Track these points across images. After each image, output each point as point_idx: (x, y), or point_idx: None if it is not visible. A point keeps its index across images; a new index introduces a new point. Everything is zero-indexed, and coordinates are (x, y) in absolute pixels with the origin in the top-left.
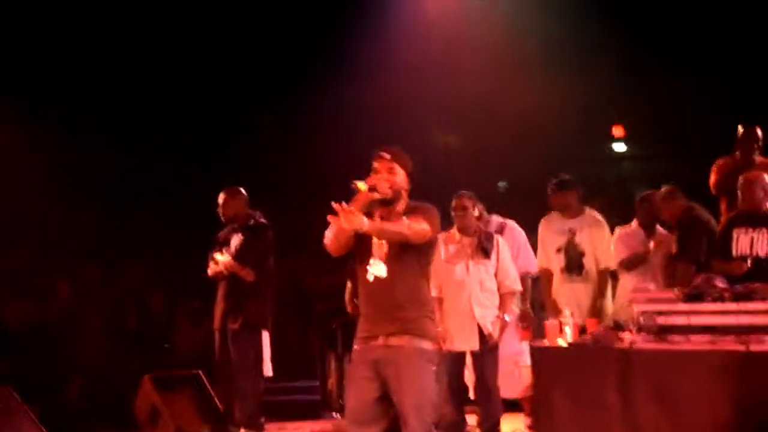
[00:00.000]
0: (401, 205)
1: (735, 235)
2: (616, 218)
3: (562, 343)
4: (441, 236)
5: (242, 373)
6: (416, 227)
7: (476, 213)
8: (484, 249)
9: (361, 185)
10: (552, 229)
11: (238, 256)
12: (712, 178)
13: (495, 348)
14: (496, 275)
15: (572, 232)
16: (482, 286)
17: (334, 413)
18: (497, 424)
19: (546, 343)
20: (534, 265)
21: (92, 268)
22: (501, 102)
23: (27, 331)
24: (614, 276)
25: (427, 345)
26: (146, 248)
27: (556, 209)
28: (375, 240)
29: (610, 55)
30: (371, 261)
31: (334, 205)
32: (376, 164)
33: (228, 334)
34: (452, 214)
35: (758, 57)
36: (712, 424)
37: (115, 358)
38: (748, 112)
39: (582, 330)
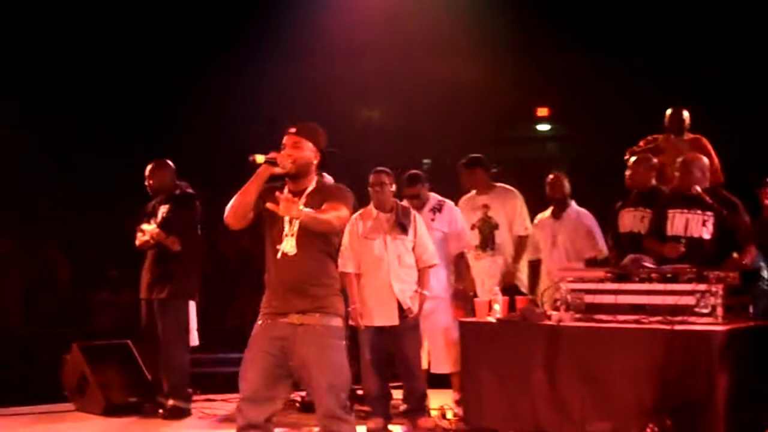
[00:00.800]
0: (309, 180)
1: (670, 216)
2: (539, 198)
3: (490, 319)
4: (358, 213)
5: (169, 344)
6: (342, 215)
7: (392, 189)
8: (401, 224)
9: (259, 158)
10: (468, 207)
11: (163, 224)
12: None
13: (416, 323)
14: (414, 250)
15: (486, 207)
16: (400, 261)
17: None
18: (422, 398)
19: (475, 319)
20: (469, 245)
21: (6, 240)
22: (427, 80)
23: None
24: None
25: (337, 322)
26: (64, 220)
27: (467, 187)
28: (285, 219)
29: (536, 33)
30: (283, 238)
31: (278, 194)
32: (284, 139)
33: (154, 303)
34: (369, 189)
35: (680, 35)
36: (636, 401)
37: (34, 329)
38: (671, 91)
39: (511, 305)
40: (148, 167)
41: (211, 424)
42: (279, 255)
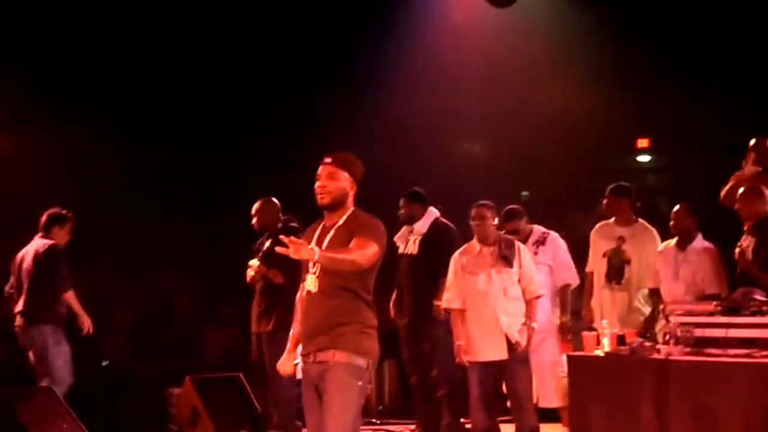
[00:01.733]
0: (344, 212)
1: None
2: None
3: (598, 353)
4: (461, 248)
5: (276, 376)
6: (368, 253)
7: (494, 222)
8: (505, 257)
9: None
10: (602, 235)
11: (265, 258)
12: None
13: (525, 357)
14: (519, 282)
15: (621, 240)
16: (506, 294)
17: (372, 419)
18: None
19: (583, 353)
20: (574, 277)
21: (119, 271)
22: (526, 112)
23: None
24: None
25: (355, 360)
26: (177, 255)
27: (609, 214)
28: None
29: (636, 63)
30: (307, 276)
31: (283, 239)
32: (319, 170)
33: (262, 336)
34: (471, 223)
35: None
36: None
37: (144, 361)
38: None
39: (620, 340)
40: (255, 205)
41: None
42: (304, 292)
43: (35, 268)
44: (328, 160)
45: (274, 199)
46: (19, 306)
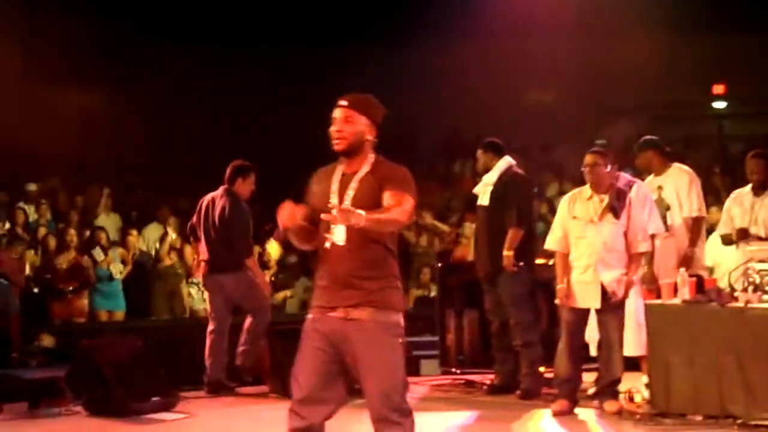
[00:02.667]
0: (364, 159)
1: None
2: (714, 175)
3: (676, 301)
4: (572, 192)
5: None
6: (407, 208)
7: (607, 169)
8: (612, 208)
9: (272, 248)
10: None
11: None
12: None
13: (619, 307)
14: (626, 234)
15: (660, 189)
16: (607, 245)
17: (453, 369)
18: (616, 382)
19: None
20: (660, 226)
21: None
22: (600, 60)
23: None
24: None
25: (391, 317)
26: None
27: (643, 171)
28: (333, 203)
29: (713, 11)
30: (332, 227)
31: (332, 208)
32: (334, 114)
33: None
34: (583, 170)
35: None
36: None
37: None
38: None
39: (699, 286)
40: None
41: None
42: (329, 245)
43: (219, 221)
44: (343, 102)
45: None
46: (204, 254)
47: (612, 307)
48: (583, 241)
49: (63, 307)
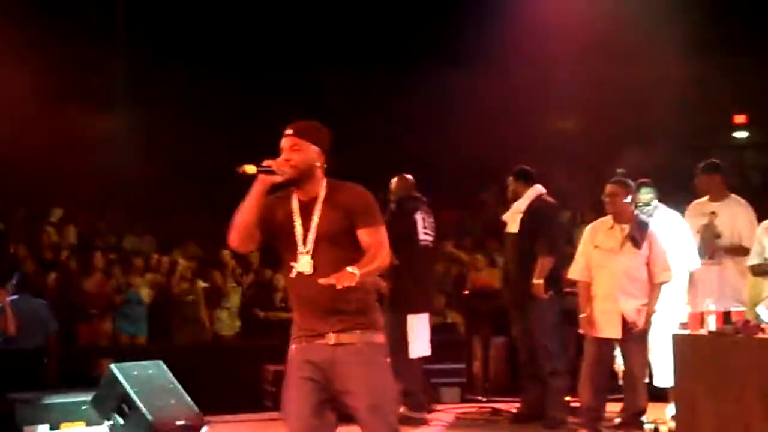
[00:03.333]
0: (317, 185)
1: None
2: None
3: (703, 332)
4: (596, 222)
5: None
6: (384, 240)
7: (628, 200)
8: (633, 238)
9: (249, 168)
10: (695, 212)
11: None
12: None
13: (642, 337)
14: (648, 265)
15: (713, 215)
16: (629, 275)
17: (479, 397)
18: (640, 413)
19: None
20: (695, 261)
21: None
22: (622, 89)
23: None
24: None
25: (378, 338)
26: None
27: (700, 192)
28: (298, 231)
29: (734, 39)
30: (298, 256)
31: (322, 281)
32: (282, 143)
33: None
34: (604, 200)
35: None
36: None
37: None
38: None
39: (726, 318)
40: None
41: None
42: (294, 274)
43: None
44: (289, 131)
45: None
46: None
47: (634, 337)
48: (604, 271)
49: (89, 329)
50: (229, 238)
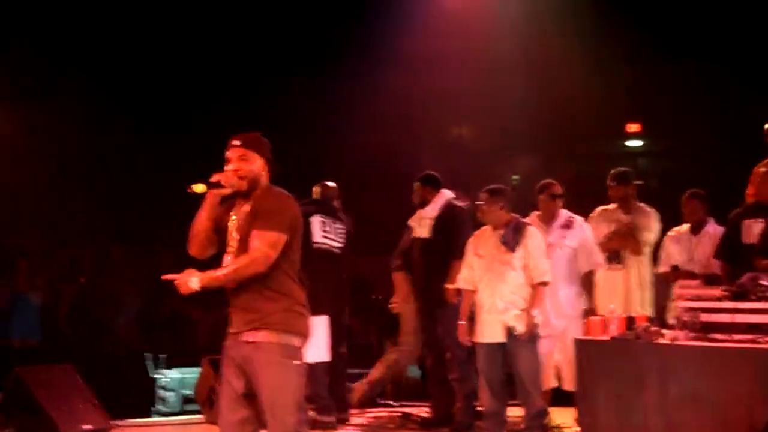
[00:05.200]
0: (256, 194)
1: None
2: None
3: (604, 337)
4: (477, 231)
5: None
6: (265, 246)
7: (498, 207)
8: (505, 242)
9: (198, 187)
10: (603, 219)
11: None
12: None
13: (528, 341)
14: (525, 267)
15: (620, 222)
16: (504, 278)
17: (389, 401)
18: (538, 416)
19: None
20: (599, 263)
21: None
22: (517, 98)
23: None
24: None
25: (288, 339)
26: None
27: (613, 201)
28: (231, 233)
29: (625, 47)
30: (224, 257)
31: (164, 277)
32: (228, 153)
33: None
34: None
35: None
36: (749, 425)
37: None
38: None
39: (629, 323)
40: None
41: None
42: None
43: None
44: (236, 142)
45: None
46: None
47: (519, 341)
48: (485, 277)
49: None
50: (189, 248)
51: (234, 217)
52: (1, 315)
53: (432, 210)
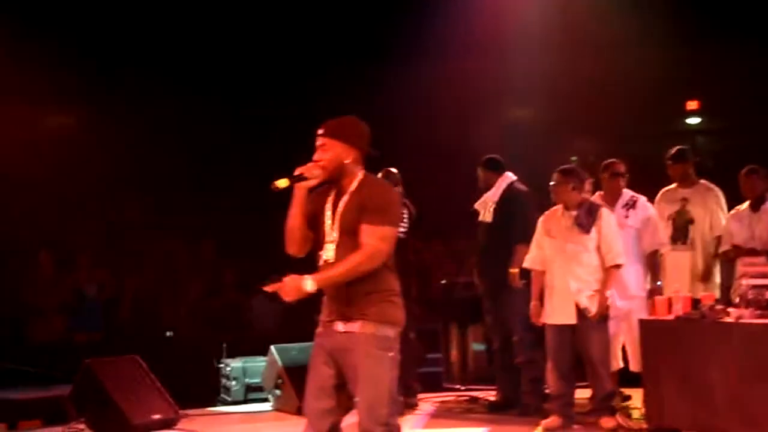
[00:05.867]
0: (352, 180)
1: None
2: None
3: (669, 317)
4: (548, 211)
5: None
6: (376, 242)
7: (570, 187)
8: (579, 224)
9: (281, 182)
10: (666, 199)
11: None
12: None
13: (599, 322)
14: (598, 249)
15: (685, 201)
16: (578, 260)
17: (456, 385)
18: (607, 398)
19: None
20: (663, 242)
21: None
22: (575, 77)
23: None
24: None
25: (384, 330)
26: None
27: (673, 180)
28: (327, 223)
29: (685, 25)
30: (325, 245)
31: (266, 288)
32: (316, 144)
33: None
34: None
35: None
36: None
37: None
38: None
39: (694, 303)
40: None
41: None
42: (321, 262)
43: None
44: (320, 131)
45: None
46: None
47: (590, 323)
48: (556, 258)
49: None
50: (287, 248)
51: (329, 212)
52: (65, 310)
53: (494, 194)
